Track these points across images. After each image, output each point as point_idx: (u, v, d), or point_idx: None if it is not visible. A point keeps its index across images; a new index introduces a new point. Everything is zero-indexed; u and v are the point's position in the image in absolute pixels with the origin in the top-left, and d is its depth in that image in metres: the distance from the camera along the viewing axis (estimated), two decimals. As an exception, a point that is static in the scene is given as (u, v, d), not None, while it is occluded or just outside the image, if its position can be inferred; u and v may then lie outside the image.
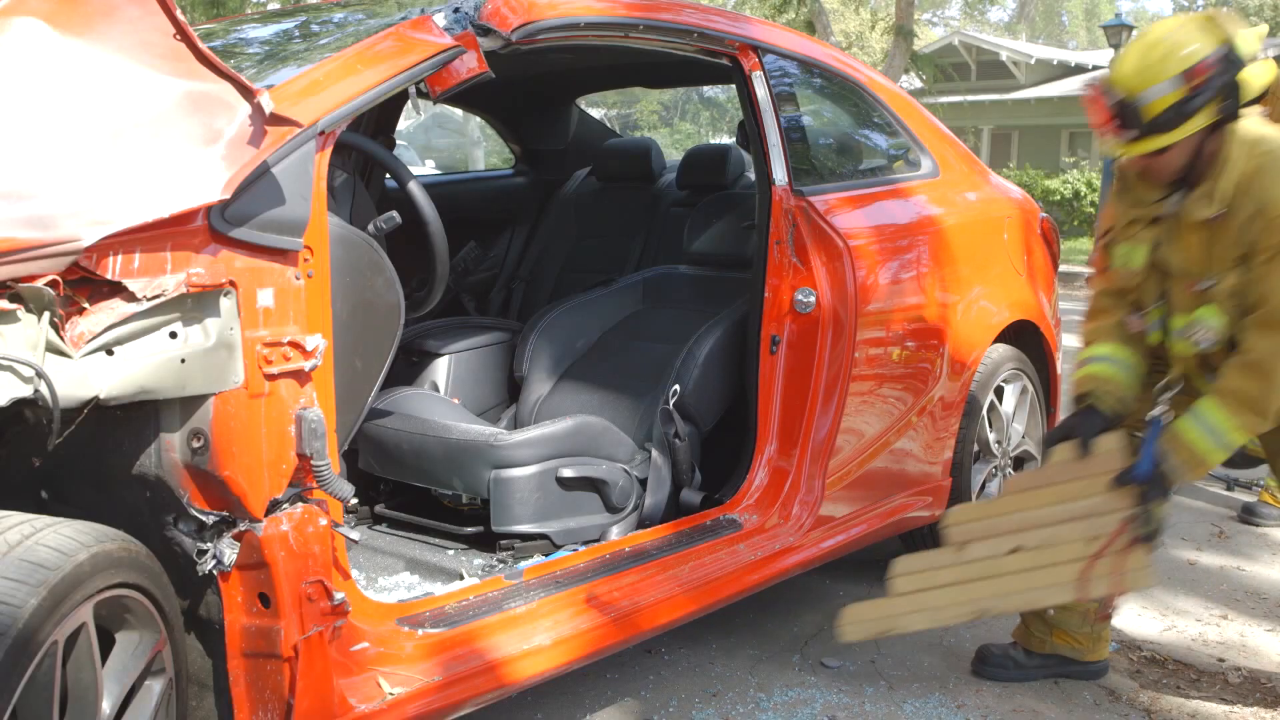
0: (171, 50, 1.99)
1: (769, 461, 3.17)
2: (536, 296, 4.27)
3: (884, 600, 2.97)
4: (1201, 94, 2.57)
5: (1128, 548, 2.75)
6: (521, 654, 2.42)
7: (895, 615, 2.96)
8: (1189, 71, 2.57)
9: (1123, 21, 17.37)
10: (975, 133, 24.86)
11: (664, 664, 3.17)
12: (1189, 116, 2.58)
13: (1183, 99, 2.57)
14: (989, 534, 2.89)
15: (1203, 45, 2.59)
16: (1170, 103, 2.58)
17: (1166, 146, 2.61)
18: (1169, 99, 2.58)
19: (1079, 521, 2.80)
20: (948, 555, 2.93)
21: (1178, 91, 2.57)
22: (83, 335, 1.78)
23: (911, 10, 17.76)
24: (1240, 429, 2.68)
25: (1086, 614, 3.08)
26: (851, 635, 2.98)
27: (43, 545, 1.70)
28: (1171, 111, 2.58)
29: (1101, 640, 3.13)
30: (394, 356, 2.44)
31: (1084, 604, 3.04)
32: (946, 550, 2.93)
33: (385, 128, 3.70)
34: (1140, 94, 2.59)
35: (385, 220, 2.46)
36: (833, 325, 3.15)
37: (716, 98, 32.32)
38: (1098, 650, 3.13)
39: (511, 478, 2.88)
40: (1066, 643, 3.11)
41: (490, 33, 2.48)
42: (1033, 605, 2.97)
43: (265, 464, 2.00)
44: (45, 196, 1.80)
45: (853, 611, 2.98)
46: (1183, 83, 2.57)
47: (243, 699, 2.06)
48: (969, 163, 3.99)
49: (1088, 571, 2.78)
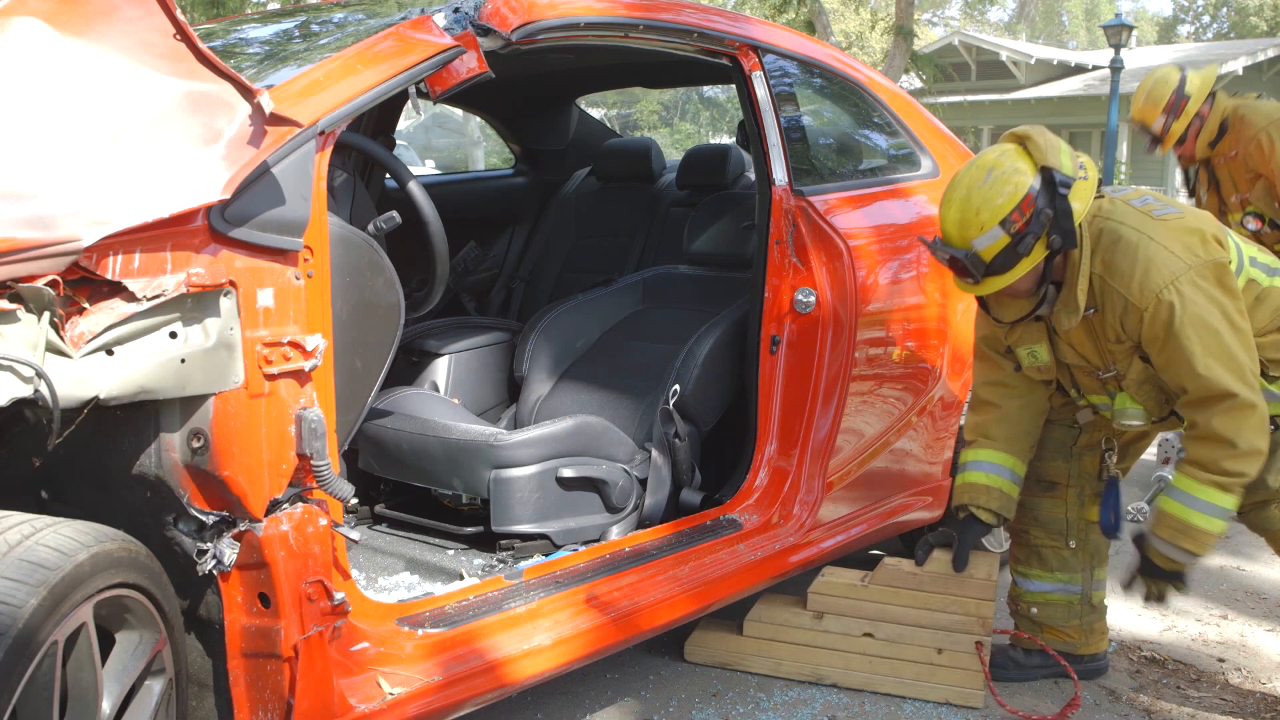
0: (171, 50, 1.99)
1: (769, 461, 3.17)
2: (536, 296, 4.27)
3: (734, 636, 3.13)
4: (1027, 234, 2.61)
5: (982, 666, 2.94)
6: (521, 654, 2.42)
7: (741, 654, 3.13)
8: (1006, 220, 2.61)
9: (1123, 21, 17.37)
10: (975, 133, 24.84)
11: (664, 664, 3.17)
12: (1022, 257, 2.63)
13: (1009, 244, 2.62)
14: (849, 613, 3.07)
15: (1016, 185, 2.61)
16: (998, 250, 2.63)
17: (1011, 283, 2.67)
18: (996, 247, 2.63)
19: (933, 631, 2.99)
20: (805, 619, 3.09)
21: (1001, 239, 2.62)
22: (83, 335, 1.78)
23: (911, 10, 17.75)
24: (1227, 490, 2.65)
25: (1070, 606, 3.08)
26: (694, 656, 3.16)
27: (43, 545, 1.70)
28: (1002, 256, 2.63)
29: (1094, 632, 3.14)
30: (394, 356, 2.43)
31: (1068, 597, 3.05)
32: (805, 614, 3.09)
33: (385, 128, 3.69)
34: (969, 246, 2.64)
35: (385, 220, 2.46)
36: (833, 325, 3.15)
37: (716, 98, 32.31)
38: (1092, 643, 3.13)
39: (511, 478, 2.88)
40: (1057, 637, 3.12)
41: (490, 33, 2.48)
42: (868, 688, 3.04)
43: (265, 464, 2.00)
44: (45, 196, 1.80)
45: (702, 637, 3.15)
46: (1004, 231, 2.61)
47: (243, 699, 2.06)
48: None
49: (927, 677, 2.98)
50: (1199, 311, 2.59)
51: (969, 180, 2.67)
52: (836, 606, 3.08)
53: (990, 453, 2.99)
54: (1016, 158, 2.66)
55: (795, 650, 3.09)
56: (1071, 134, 24.62)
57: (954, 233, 2.68)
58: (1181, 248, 2.64)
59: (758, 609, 3.13)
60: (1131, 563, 2.85)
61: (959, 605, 2.99)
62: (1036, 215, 2.60)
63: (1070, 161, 2.67)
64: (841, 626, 3.07)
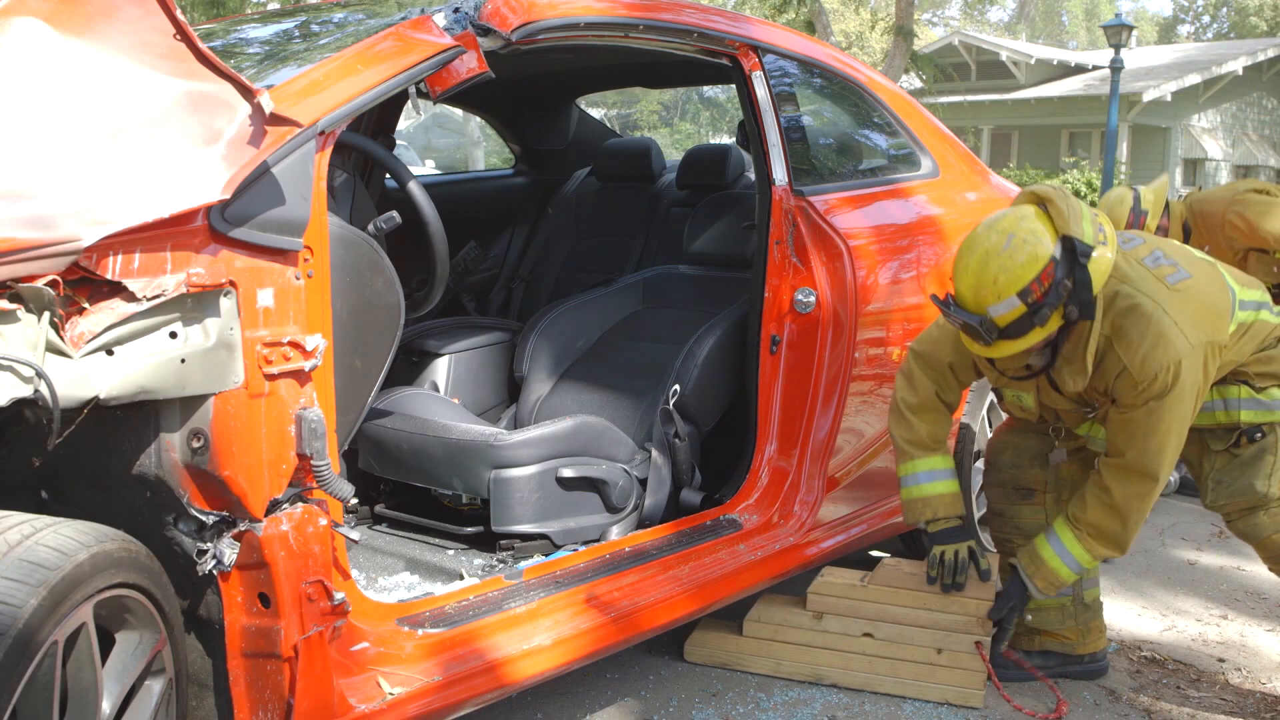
0: (171, 50, 1.99)
1: (769, 461, 3.17)
2: (536, 296, 4.27)
3: (733, 636, 3.13)
4: (1044, 305, 2.56)
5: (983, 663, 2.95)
6: (521, 654, 2.42)
7: (741, 654, 3.13)
8: (1024, 291, 2.55)
9: (1123, 21, 17.36)
10: (975, 133, 24.83)
11: (664, 664, 3.17)
12: (1036, 326, 2.58)
13: (1025, 314, 2.57)
14: (848, 613, 3.08)
15: (1036, 254, 2.55)
16: (1014, 318, 2.58)
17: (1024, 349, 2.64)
18: (1011, 315, 2.58)
19: (933, 631, 3.00)
20: (805, 619, 3.09)
21: (1018, 309, 2.57)
22: (83, 335, 1.78)
23: (911, 10, 17.75)
24: (1097, 558, 2.84)
25: (1063, 608, 3.09)
26: (693, 656, 3.15)
27: (43, 545, 1.70)
28: (1018, 325, 2.59)
29: (1091, 630, 3.14)
30: (394, 356, 2.43)
31: (1060, 599, 3.05)
32: (804, 614, 3.09)
33: (385, 128, 3.69)
34: (984, 312, 2.59)
35: (385, 220, 2.46)
36: (833, 325, 3.15)
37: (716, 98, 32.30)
38: (1089, 642, 3.14)
39: (511, 478, 2.88)
40: (1055, 638, 3.13)
41: (490, 33, 2.48)
42: (868, 688, 3.05)
43: (265, 464, 2.00)
44: (45, 196, 1.80)
45: (701, 637, 3.15)
46: (1021, 301, 2.56)
47: (243, 699, 2.06)
48: (969, 163, 3.99)
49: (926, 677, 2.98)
50: (1182, 396, 2.65)
51: (986, 245, 2.60)
52: (836, 607, 3.08)
53: (930, 459, 3.03)
54: (1036, 221, 2.60)
55: (795, 650, 3.09)
56: (1071, 134, 24.62)
57: (969, 298, 2.62)
58: (1191, 327, 2.65)
59: (757, 609, 3.13)
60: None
61: (958, 605, 2.99)
62: (1055, 286, 2.55)
63: (1091, 227, 2.61)
64: (841, 626, 3.07)
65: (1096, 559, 2.84)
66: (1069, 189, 15.48)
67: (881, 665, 3.03)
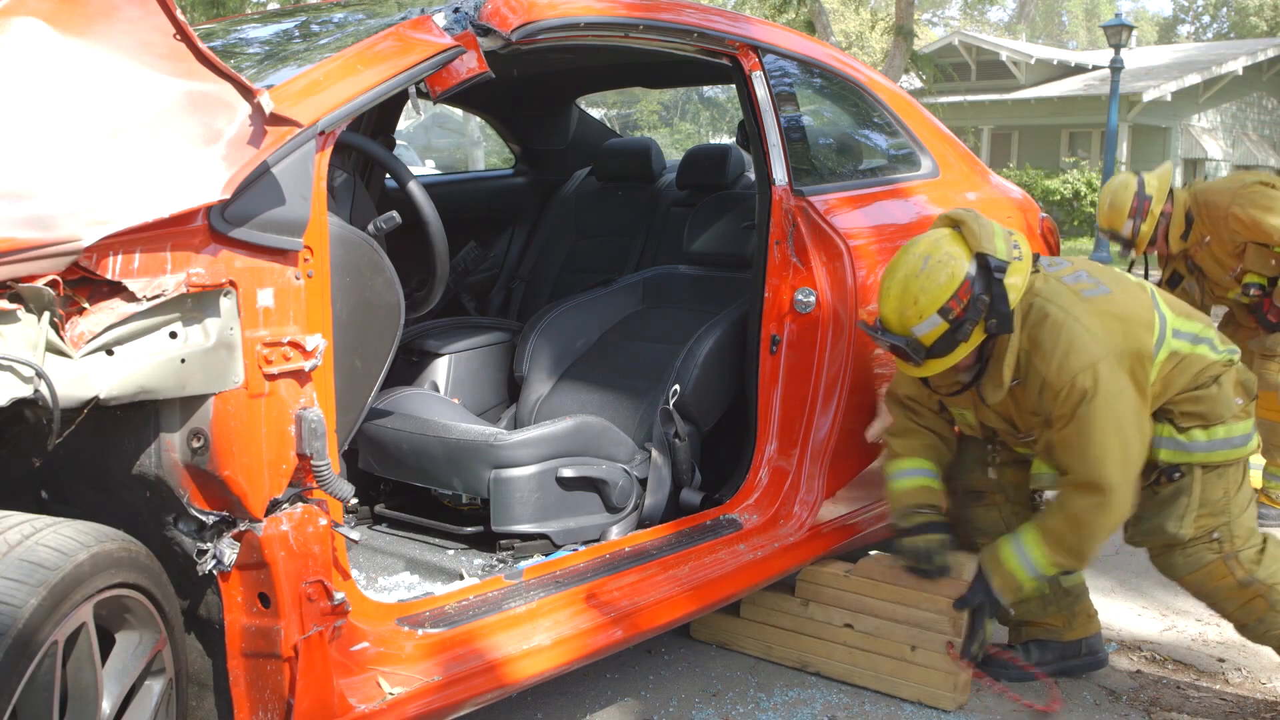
0: (171, 50, 1.99)
1: (769, 461, 3.17)
2: (536, 296, 4.27)
3: (732, 618, 3.25)
4: (965, 321, 2.68)
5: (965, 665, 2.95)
6: (521, 654, 2.42)
7: (737, 635, 3.26)
8: (944, 308, 2.67)
9: (1123, 21, 17.33)
10: (975, 133, 24.84)
11: (664, 664, 3.17)
12: (960, 342, 2.70)
13: (948, 330, 2.68)
14: (831, 602, 3.13)
15: (952, 273, 2.68)
16: (937, 336, 2.69)
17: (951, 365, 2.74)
18: (935, 333, 2.69)
19: (908, 627, 3.02)
20: (794, 605, 3.18)
21: (940, 326, 2.68)
22: (83, 335, 1.78)
23: (911, 10, 17.75)
24: (1054, 566, 2.84)
25: (1043, 596, 3.10)
26: (698, 634, 3.30)
27: (43, 545, 1.70)
28: (942, 342, 2.70)
29: (1077, 615, 3.14)
30: (394, 356, 2.43)
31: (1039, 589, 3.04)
32: (794, 600, 3.18)
33: (385, 128, 3.70)
34: (909, 333, 2.71)
35: (385, 220, 2.46)
36: (833, 325, 3.15)
37: (716, 98, 32.31)
38: (1077, 626, 3.14)
39: (511, 478, 2.88)
40: (1040, 627, 3.15)
41: (490, 33, 2.48)
42: (849, 679, 3.07)
43: (265, 464, 2.00)
44: (45, 196, 1.80)
45: (705, 616, 3.18)
46: (942, 319, 2.67)
47: (243, 699, 2.06)
48: (969, 163, 3.99)
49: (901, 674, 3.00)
50: (1109, 400, 2.67)
51: (906, 269, 2.74)
52: (821, 595, 3.14)
53: (909, 461, 3.08)
54: (951, 243, 2.73)
55: (784, 636, 3.16)
56: (1071, 134, 24.63)
57: (894, 320, 2.74)
58: (1104, 333, 2.71)
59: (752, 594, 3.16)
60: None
61: (932, 603, 3.00)
62: (973, 302, 2.68)
63: (1004, 244, 2.74)
64: (825, 615, 3.12)
65: (1056, 568, 2.84)
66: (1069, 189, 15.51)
67: (860, 658, 3.06)
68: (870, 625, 3.06)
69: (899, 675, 3.00)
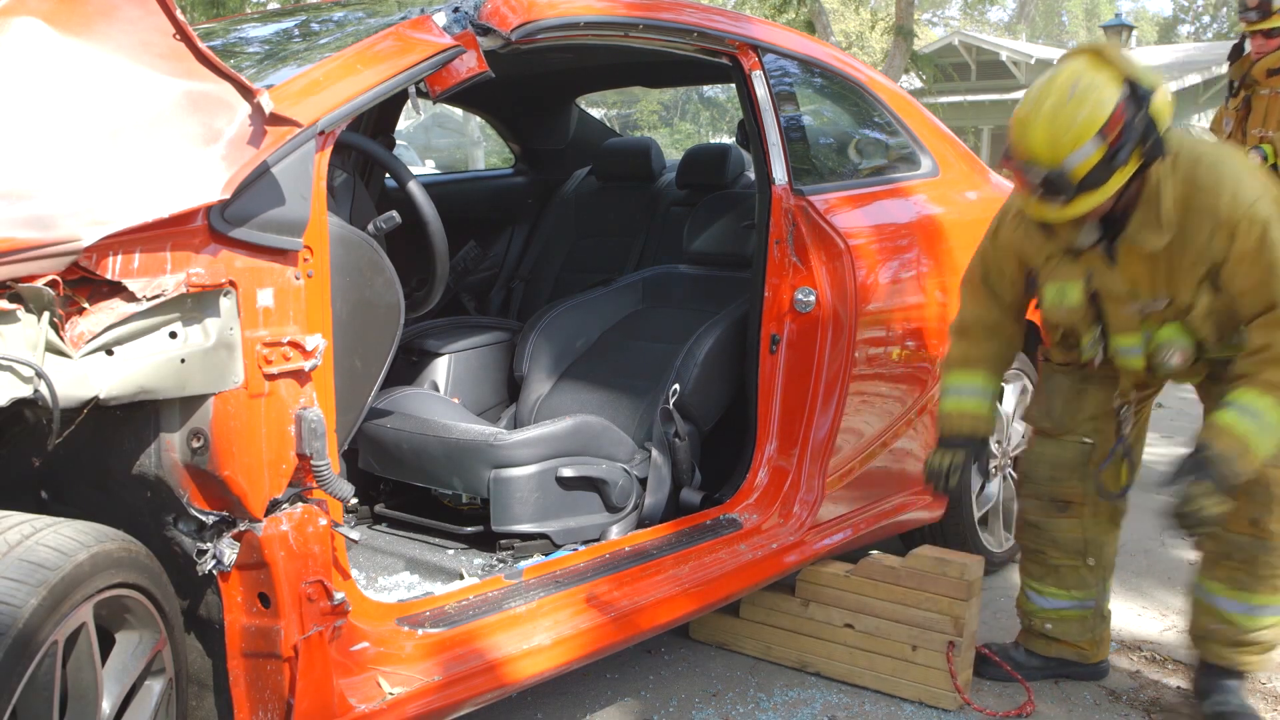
0: (171, 50, 1.99)
1: (769, 461, 3.17)
2: (536, 296, 4.27)
3: (732, 618, 3.24)
4: (1124, 145, 2.51)
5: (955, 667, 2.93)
6: (521, 654, 2.42)
7: (737, 635, 3.26)
8: (1104, 129, 2.50)
9: (1123, 21, 17.40)
10: (975, 133, 24.83)
11: (664, 664, 3.17)
12: (1116, 169, 2.53)
13: (1106, 156, 2.51)
14: (832, 603, 3.13)
15: (1107, 94, 2.51)
16: (1094, 163, 2.51)
17: (1103, 200, 2.57)
18: (1092, 160, 2.51)
19: (909, 627, 3.02)
20: (794, 605, 3.17)
21: (1099, 151, 2.51)
22: (83, 335, 1.78)
23: (911, 10, 17.73)
24: None
25: (1084, 620, 3.07)
26: (697, 634, 3.30)
27: (43, 545, 1.70)
28: (1098, 170, 2.52)
29: (1103, 642, 3.13)
30: (394, 356, 2.43)
31: (1083, 612, 3.04)
32: (794, 600, 3.17)
33: (385, 128, 3.70)
34: (1062, 164, 2.52)
35: (385, 220, 2.46)
36: (833, 324, 3.15)
37: (716, 98, 32.31)
38: (1100, 651, 3.13)
39: (511, 477, 2.88)
40: (1072, 649, 3.11)
41: (490, 32, 2.48)
42: (849, 679, 3.06)
43: (265, 464, 2.00)
44: (45, 196, 1.80)
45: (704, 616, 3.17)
46: (1101, 141, 2.50)
47: (243, 699, 2.06)
48: (969, 162, 3.99)
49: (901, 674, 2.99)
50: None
51: (1054, 97, 2.54)
52: (821, 595, 3.13)
53: (959, 376, 3.00)
54: (1096, 69, 2.56)
55: (784, 636, 3.16)
56: (1071, 134, 24.61)
57: (1044, 152, 2.53)
58: (1251, 173, 2.64)
59: (752, 594, 3.15)
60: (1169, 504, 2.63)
61: (933, 603, 2.99)
62: (1129, 125, 2.50)
63: (1145, 74, 2.59)
64: (825, 616, 3.11)
65: None
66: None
67: (861, 658, 3.06)
68: (870, 625, 3.06)
69: (899, 675, 3.00)
